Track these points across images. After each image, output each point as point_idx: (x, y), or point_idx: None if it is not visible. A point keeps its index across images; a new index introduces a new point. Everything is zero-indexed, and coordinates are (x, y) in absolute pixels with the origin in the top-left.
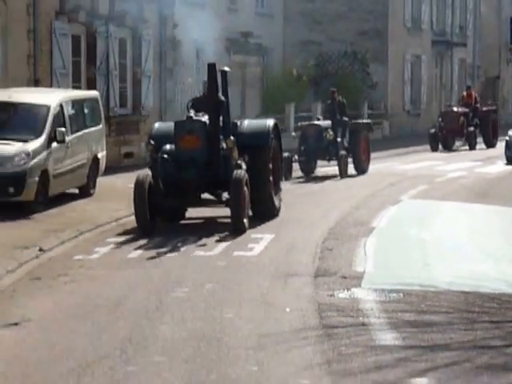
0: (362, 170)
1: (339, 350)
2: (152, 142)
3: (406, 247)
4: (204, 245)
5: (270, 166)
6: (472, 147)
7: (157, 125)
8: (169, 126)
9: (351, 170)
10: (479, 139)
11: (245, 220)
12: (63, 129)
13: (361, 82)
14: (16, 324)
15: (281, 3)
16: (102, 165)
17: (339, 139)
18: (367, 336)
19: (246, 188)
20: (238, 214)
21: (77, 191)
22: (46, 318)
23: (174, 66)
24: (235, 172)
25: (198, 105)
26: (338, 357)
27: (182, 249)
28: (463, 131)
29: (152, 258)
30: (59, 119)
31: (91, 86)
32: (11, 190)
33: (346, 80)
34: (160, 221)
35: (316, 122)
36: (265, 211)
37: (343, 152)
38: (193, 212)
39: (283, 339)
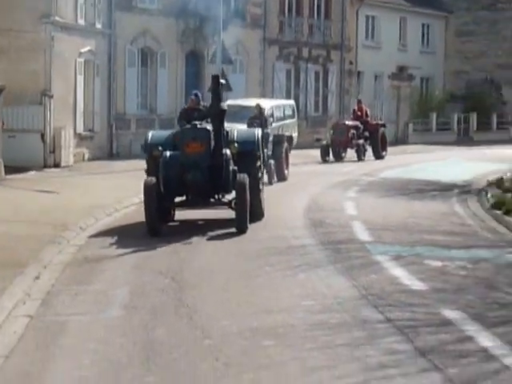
0: (283, 177)
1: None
2: (160, 148)
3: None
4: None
5: (261, 172)
6: (360, 158)
7: (151, 134)
8: (162, 134)
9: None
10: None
11: (247, 221)
12: (271, 119)
13: (495, 101)
14: None
15: (442, 43)
16: (294, 141)
17: (265, 149)
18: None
19: (248, 191)
20: (243, 216)
21: None
22: None
23: (349, 87)
24: (239, 176)
25: (186, 116)
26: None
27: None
28: (352, 143)
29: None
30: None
31: (296, 98)
32: None
33: (484, 99)
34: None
35: None
36: (254, 214)
37: (271, 160)
38: (179, 215)
39: None
